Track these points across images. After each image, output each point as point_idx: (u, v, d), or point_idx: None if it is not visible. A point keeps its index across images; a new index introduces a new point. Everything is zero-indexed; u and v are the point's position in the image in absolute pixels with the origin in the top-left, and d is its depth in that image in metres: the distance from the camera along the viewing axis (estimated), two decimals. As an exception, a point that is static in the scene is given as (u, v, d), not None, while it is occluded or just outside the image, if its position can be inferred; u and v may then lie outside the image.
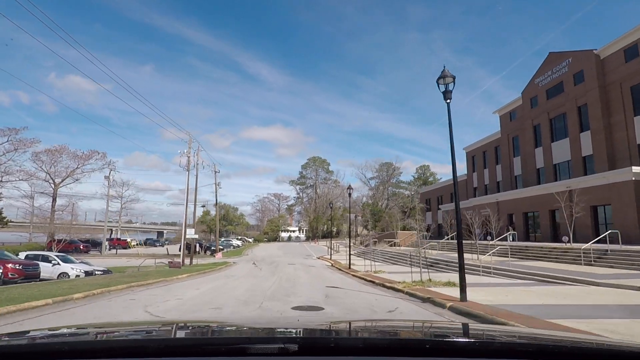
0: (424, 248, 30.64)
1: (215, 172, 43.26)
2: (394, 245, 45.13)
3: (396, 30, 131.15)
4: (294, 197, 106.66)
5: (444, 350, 1.47)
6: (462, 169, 60.92)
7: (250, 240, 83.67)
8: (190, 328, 2.25)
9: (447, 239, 37.56)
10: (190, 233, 30.50)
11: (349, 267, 26.16)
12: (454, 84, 10.33)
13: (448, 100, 10.39)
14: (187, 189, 31.09)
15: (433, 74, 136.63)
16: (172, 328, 2.15)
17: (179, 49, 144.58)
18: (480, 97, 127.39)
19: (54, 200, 52.39)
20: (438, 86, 10.49)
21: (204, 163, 33.83)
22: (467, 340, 1.75)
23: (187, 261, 31.48)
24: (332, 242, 65.62)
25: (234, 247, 60.12)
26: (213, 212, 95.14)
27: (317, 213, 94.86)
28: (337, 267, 28.71)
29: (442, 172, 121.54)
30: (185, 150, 31.01)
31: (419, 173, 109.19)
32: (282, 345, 1.35)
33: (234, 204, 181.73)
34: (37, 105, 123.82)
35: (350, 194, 26.87)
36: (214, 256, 41.82)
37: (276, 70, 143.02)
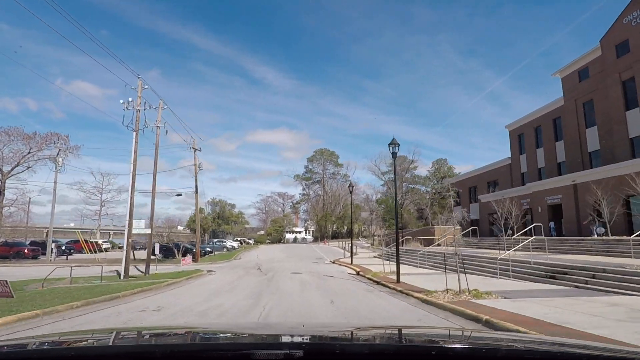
0: (516, 251, 18.79)
1: (195, 150, 31.74)
2: (430, 244, 33.25)
3: (401, 33, 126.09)
4: (300, 194, 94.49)
5: (450, 357, 1.41)
6: (504, 151, 48.82)
7: (250, 241, 71.86)
8: (195, 334, 2.13)
9: (516, 235, 25.50)
10: (139, 227, 18.94)
11: (398, 280, 14.32)
12: None
13: None
14: (134, 162, 19.38)
15: (439, 76, 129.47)
16: (178, 334, 2.09)
17: (185, 55, 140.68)
18: (486, 99, 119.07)
19: (1, 194, 41.08)
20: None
21: (166, 124, 22.14)
22: (474, 347, 1.64)
23: (147, 268, 19.95)
24: (345, 242, 53.82)
25: (228, 249, 48.60)
26: (206, 210, 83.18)
27: (325, 211, 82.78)
28: (370, 279, 16.96)
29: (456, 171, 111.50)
30: (131, 100, 19.48)
31: (435, 168, 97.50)
32: (288, 351, 1.27)
33: (239, 208, 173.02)
34: (43, 112, 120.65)
35: (395, 154, 15.11)
36: (194, 261, 30.21)
37: (282, 74, 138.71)
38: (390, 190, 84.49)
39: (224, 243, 50.84)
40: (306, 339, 1.75)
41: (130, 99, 19.89)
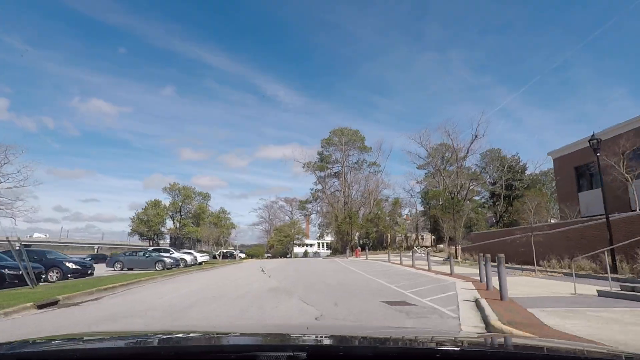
0: None
1: None
2: None
3: (412, 50, 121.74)
4: (311, 189, 67.87)
5: (455, 359, 1.37)
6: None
7: (238, 254, 46.13)
8: (199, 335, 2.09)
9: None
10: None
11: None
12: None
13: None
14: None
15: (450, 92, 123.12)
16: (182, 335, 2.00)
17: (199, 73, 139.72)
18: (498, 115, 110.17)
19: None
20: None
21: None
22: (480, 350, 1.60)
23: None
24: (390, 253, 28.15)
25: (166, 266, 23.24)
26: (165, 200, 55.54)
27: (347, 210, 56.51)
28: None
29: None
30: None
31: (485, 161, 70.55)
32: (292, 353, 1.26)
33: (249, 224, 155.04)
34: (60, 130, 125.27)
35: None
36: None
37: (293, 91, 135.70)
38: (446, 181, 57.97)
39: (163, 257, 24.91)
40: (310, 341, 1.69)
41: None
